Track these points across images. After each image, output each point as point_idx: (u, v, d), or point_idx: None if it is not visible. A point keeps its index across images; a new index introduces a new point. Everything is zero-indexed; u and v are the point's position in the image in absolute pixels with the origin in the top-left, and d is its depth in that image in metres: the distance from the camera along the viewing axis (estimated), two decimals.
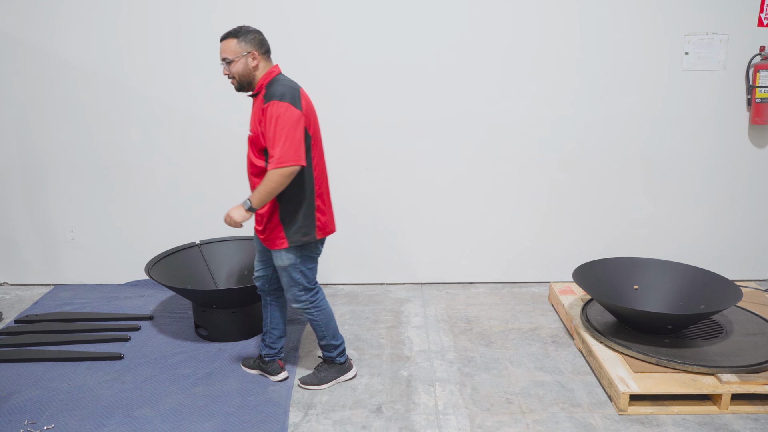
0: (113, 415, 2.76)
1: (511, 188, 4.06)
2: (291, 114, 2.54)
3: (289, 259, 2.74)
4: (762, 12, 3.76)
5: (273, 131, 2.53)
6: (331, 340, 2.96)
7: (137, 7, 3.76)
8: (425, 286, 4.24)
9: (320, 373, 3.02)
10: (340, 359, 3.02)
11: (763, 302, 3.61)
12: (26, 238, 4.18)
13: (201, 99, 3.92)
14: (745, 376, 2.78)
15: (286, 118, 2.53)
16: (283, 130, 2.52)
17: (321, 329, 2.92)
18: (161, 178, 4.05)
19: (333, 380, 3.02)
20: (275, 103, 2.54)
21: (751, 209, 4.08)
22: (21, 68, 3.86)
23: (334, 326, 2.95)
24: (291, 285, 2.81)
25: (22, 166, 4.03)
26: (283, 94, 2.56)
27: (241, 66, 2.63)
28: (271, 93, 2.58)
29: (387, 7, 3.76)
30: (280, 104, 2.54)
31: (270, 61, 2.72)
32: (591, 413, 2.77)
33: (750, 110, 3.90)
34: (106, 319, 3.69)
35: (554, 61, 3.84)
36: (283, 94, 2.56)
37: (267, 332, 3.03)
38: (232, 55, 2.62)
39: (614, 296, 3.34)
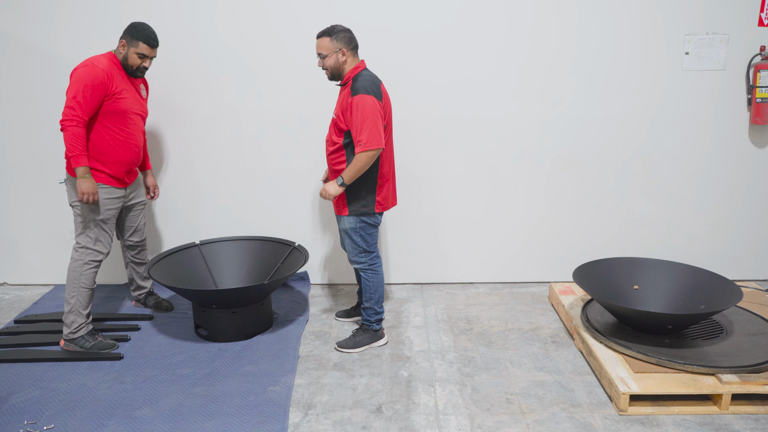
0: (113, 415, 2.76)
1: (511, 188, 4.06)
2: (374, 105, 3.00)
3: (350, 223, 3.21)
4: (762, 12, 3.76)
5: (360, 119, 2.99)
6: (374, 305, 3.34)
7: (139, 7, 3.76)
8: (425, 286, 4.24)
9: (356, 337, 3.36)
10: (375, 326, 3.38)
11: (763, 302, 3.61)
12: (26, 238, 4.18)
13: (201, 98, 3.92)
14: (745, 376, 2.78)
15: (370, 109, 2.99)
16: (368, 119, 2.98)
17: (370, 291, 3.31)
18: (161, 178, 4.05)
19: (366, 345, 3.35)
20: (362, 95, 2.99)
21: (751, 209, 4.08)
22: (21, 68, 3.86)
23: (381, 294, 3.34)
24: (352, 247, 3.26)
25: (23, 166, 4.03)
26: (367, 88, 3.02)
27: (332, 60, 3.08)
28: (358, 87, 3.02)
29: (380, 6, 3.75)
30: (366, 97, 2.99)
31: (357, 57, 3.15)
32: (591, 413, 2.77)
33: (750, 110, 3.90)
34: (106, 319, 3.68)
35: (554, 61, 3.84)
36: (367, 88, 3.02)
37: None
38: (326, 51, 3.08)
39: (614, 296, 3.34)
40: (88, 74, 3.06)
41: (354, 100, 3.00)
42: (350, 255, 3.31)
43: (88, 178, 3.10)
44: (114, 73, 3.16)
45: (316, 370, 3.15)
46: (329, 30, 3.08)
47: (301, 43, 3.81)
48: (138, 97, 3.33)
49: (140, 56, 3.19)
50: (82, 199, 3.11)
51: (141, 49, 3.17)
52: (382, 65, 3.80)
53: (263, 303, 3.50)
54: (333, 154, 3.19)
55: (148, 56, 3.21)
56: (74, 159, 3.06)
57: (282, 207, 4.12)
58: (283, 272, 3.57)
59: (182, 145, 4.01)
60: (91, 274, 3.23)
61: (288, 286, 4.17)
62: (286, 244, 3.76)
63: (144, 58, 3.20)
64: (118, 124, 3.20)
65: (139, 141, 3.35)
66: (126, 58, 3.18)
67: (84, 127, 3.07)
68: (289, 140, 3.97)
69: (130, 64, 3.19)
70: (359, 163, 3.03)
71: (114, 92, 3.14)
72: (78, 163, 3.07)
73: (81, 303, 3.23)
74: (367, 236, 3.25)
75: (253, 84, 3.89)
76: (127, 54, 3.18)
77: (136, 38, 3.15)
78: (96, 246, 3.24)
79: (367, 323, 3.38)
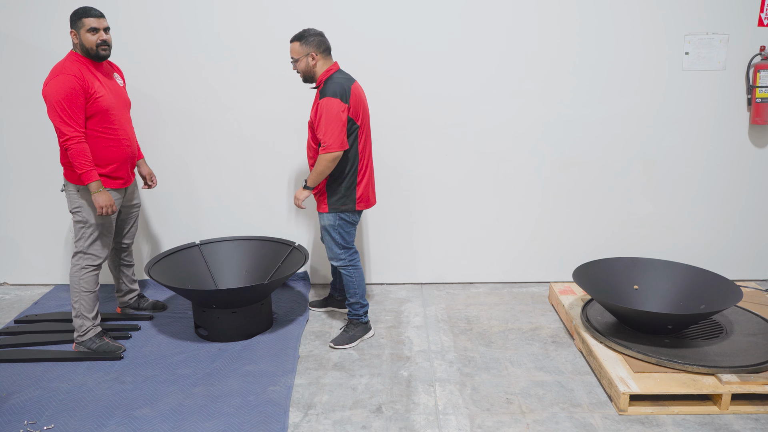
0: (113, 415, 2.76)
1: (511, 188, 4.06)
2: (338, 108, 3.05)
3: (329, 220, 3.27)
4: (762, 12, 3.76)
5: (324, 122, 3.06)
6: (360, 299, 3.41)
7: (136, 6, 3.76)
8: (425, 286, 4.24)
9: (349, 332, 3.43)
10: (364, 318, 3.46)
11: (763, 302, 3.61)
12: (26, 238, 4.18)
13: (201, 99, 3.92)
14: (745, 376, 2.78)
15: (334, 112, 3.04)
16: (330, 122, 3.05)
17: (353, 287, 3.38)
18: (161, 178, 4.04)
19: (359, 338, 3.44)
20: (327, 99, 3.06)
21: (751, 209, 4.08)
22: (21, 68, 3.86)
23: (364, 288, 3.42)
24: (331, 243, 3.32)
25: (23, 166, 4.03)
26: (335, 91, 3.06)
27: (303, 64, 3.15)
28: (326, 90, 3.09)
29: (383, 8, 3.76)
30: (331, 100, 3.05)
31: (329, 59, 3.20)
32: (591, 413, 2.77)
33: (750, 110, 3.90)
34: (107, 319, 3.68)
35: (554, 61, 3.84)
36: (335, 90, 3.07)
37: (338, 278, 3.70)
38: (296, 55, 3.14)
39: (614, 296, 3.34)
40: (61, 86, 2.96)
41: (320, 103, 3.08)
42: (329, 252, 3.36)
43: (102, 191, 3.09)
44: (84, 73, 3.04)
45: (316, 370, 3.16)
46: (300, 34, 3.13)
47: None
48: (116, 88, 3.23)
49: (92, 31, 3.02)
50: (102, 213, 3.10)
51: (88, 24, 3.02)
52: (383, 64, 3.80)
53: (263, 303, 3.50)
54: (314, 156, 3.25)
55: (99, 27, 3.04)
56: (85, 176, 3.04)
57: (282, 207, 4.12)
58: (283, 272, 3.57)
59: (182, 146, 4.01)
60: (90, 278, 3.23)
61: (288, 286, 4.17)
62: (286, 244, 3.76)
63: (96, 31, 3.03)
64: (104, 124, 3.13)
65: (129, 134, 3.28)
66: (82, 43, 3.05)
67: (85, 141, 3.04)
68: (289, 140, 3.97)
69: (88, 47, 3.04)
70: (320, 165, 3.11)
71: (91, 93, 3.05)
72: (90, 179, 3.05)
73: (85, 307, 3.23)
74: (345, 234, 3.31)
75: (253, 84, 3.89)
76: (81, 40, 3.04)
77: (78, 19, 3.03)
78: (95, 250, 3.22)
79: (356, 317, 3.45)
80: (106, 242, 3.26)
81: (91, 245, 3.21)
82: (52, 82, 2.98)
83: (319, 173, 3.13)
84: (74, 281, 3.21)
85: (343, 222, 3.28)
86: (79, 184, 3.14)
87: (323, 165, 3.10)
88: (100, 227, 3.20)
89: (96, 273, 3.25)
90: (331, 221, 3.27)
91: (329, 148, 3.07)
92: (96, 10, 3.08)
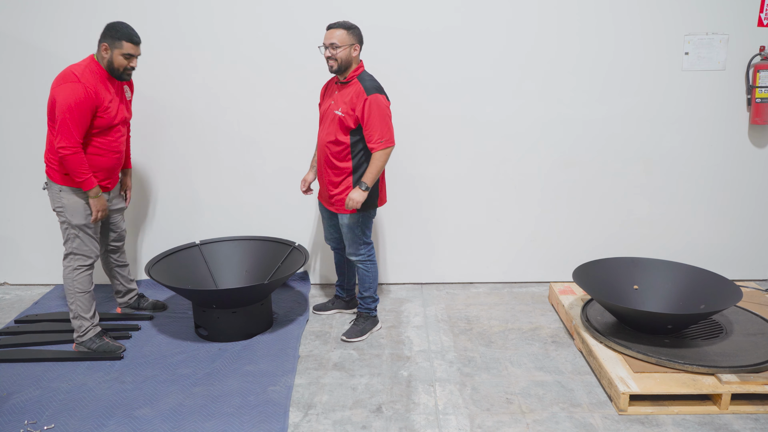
0: (113, 415, 2.76)
1: (511, 188, 4.07)
2: (387, 104, 3.15)
3: (355, 219, 3.30)
4: (762, 12, 3.76)
5: (378, 118, 3.10)
6: (373, 293, 3.50)
7: (136, 6, 3.76)
8: (425, 286, 4.24)
9: (359, 325, 3.49)
10: (374, 312, 3.55)
11: (763, 302, 3.61)
12: (26, 238, 4.18)
13: (201, 99, 3.92)
14: (745, 376, 2.78)
15: (386, 108, 3.13)
16: (385, 117, 3.12)
17: (369, 281, 3.45)
18: (161, 178, 4.05)
19: (370, 331, 3.52)
20: (376, 95, 3.10)
21: (751, 209, 4.09)
22: (21, 68, 3.86)
23: (377, 283, 3.52)
24: (354, 241, 3.37)
25: (23, 166, 4.03)
26: (378, 87, 3.14)
27: (345, 53, 3.13)
28: (370, 86, 3.12)
29: (383, 5, 3.76)
30: (380, 96, 3.12)
31: (359, 58, 3.23)
32: (591, 413, 2.77)
33: (750, 110, 3.90)
34: (106, 319, 3.68)
35: (554, 61, 3.85)
36: (379, 87, 3.15)
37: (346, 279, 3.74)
38: (340, 43, 3.11)
39: (614, 296, 3.34)
40: (74, 94, 2.94)
41: (370, 99, 3.09)
42: (351, 248, 3.39)
43: (100, 197, 3.15)
44: (98, 85, 3.03)
45: (316, 369, 3.16)
46: (345, 23, 3.14)
47: (299, 44, 3.81)
48: (123, 103, 3.24)
49: (126, 56, 3.06)
50: (97, 217, 3.16)
51: (126, 49, 3.04)
52: (383, 64, 3.80)
53: (263, 303, 3.50)
54: (339, 154, 3.22)
55: (134, 55, 3.09)
56: (85, 184, 3.07)
57: (282, 207, 4.12)
58: (283, 272, 3.57)
59: (182, 146, 4.01)
60: (83, 278, 3.22)
61: (288, 286, 4.17)
62: (286, 244, 3.76)
63: (130, 58, 3.08)
64: (103, 137, 3.13)
65: (121, 148, 3.26)
66: (111, 61, 3.06)
67: (83, 151, 3.03)
68: (289, 140, 3.97)
69: (116, 67, 3.07)
70: (379, 162, 3.15)
71: (102, 108, 3.05)
72: (89, 186, 3.08)
73: (81, 307, 3.23)
74: (367, 229, 3.38)
75: (252, 84, 3.89)
76: (112, 57, 3.05)
77: (118, 39, 3.03)
78: (84, 250, 3.21)
79: (367, 311, 3.53)
80: (93, 240, 3.24)
81: (79, 245, 3.20)
82: (67, 86, 2.96)
83: (379, 169, 3.16)
84: (68, 282, 3.21)
85: (366, 218, 3.34)
86: (62, 184, 3.12)
87: (382, 161, 3.15)
88: (83, 227, 3.19)
89: (89, 273, 3.25)
90: (356, 219, 3.30)
91: (387, 143, 3.13)
92: (137, 37, 3.09)
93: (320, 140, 3.31)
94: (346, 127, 3.16)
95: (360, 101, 3.11)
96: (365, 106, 3.09)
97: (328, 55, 3.13)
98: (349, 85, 3.18)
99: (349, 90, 3.17)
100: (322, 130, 3.29)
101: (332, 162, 3.26)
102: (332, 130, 3.21)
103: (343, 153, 3.21)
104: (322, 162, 3.33)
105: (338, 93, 3.22)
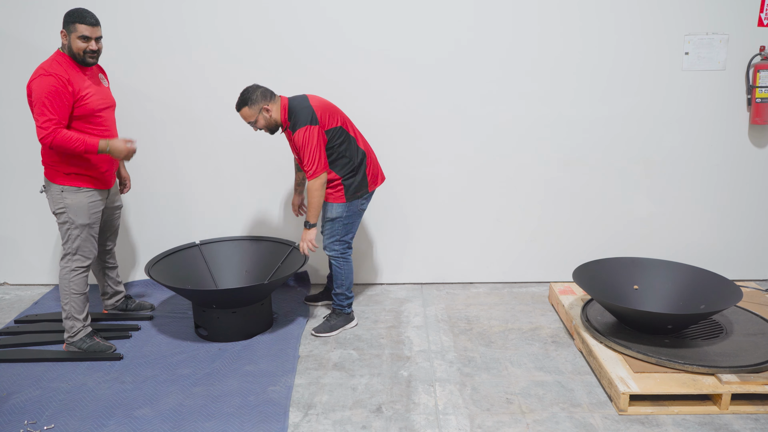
0: (113, 415, 2.76)
1: (511, 188, 4.06)
2: (311, 134, 3.16)
3: (339, 211, 3.34)
4: (762, 12, 3.76)
5: (307, 153, 3.17)
6: (345, 290, 3.53)
7: (135, 6, 3.76)
8: (425, 286, 4.24)
9: (331, 321, 3.53)
10: (347, 309, 3.58)
11: (763, 302, 3.61)
12: (26, 238, 4.18)
13: (200, 99, 3.92)
14: (745, 376, 2.78)
15: (308, 140, 3.15)
16: (307, 149, 3.16)
17: (341, 278, 3.49)
18: (161, 178, 4.05)
19: (341, 327, 3.54)
20: (298, 131, 3.16)
21: (751, 209, 4.08)
22: (21, 68, 3.85)
23: (351, 281, 3.53)
24: (331, 233, 3.40)
25: (23, 166, 4.03)
26: (303, 120, 3.16)
27: (262, 121, 3.22)
28: (294, 124, 3.19)
29: (389, 6, 3.76)
30: (300, 130, 3.15)
31: (277, 100, 3.25)
32: (591, 413, 2.77)
33: (750, 110, 3.90)
34: (106, 319, 3.68)
35: (554, 61, 3.84)
36: (303, 120, 3.16)
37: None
38: (252, 119, 3.21)
39: (614, 296, 3.34)
40: (44, 85, 2.90)
41: (294, 137, 3.18)
42: (326, 241, 3.44)
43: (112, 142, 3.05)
44: (70, 73, 2.97)
45: (316, 370, 3.16)
46: (242, 100, 3.18)
47: (302, 42, 3.81)
48: (101, 89, 3.16)
49: (83, 39, 2.96)
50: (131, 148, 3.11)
51: (81, 31, 2.95)
52: (385, 65, 3.80)
53: (263, 303, 3.50)
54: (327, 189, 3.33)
55: (91, 36, 2.98)
56: (89, 147, 2.98)
57: (282, 207, 4.12)
58: (283, 272, 3.57)
59: (181, 146, 4.01)
60: (80, 280, 3.21)
61: (288, 286, 4.17)
62: (286, 244, 3.76)
63: (88, 40, 2.97)
64: (92, 125, 3.08)
65: (114, 135, 3.23)
66: (70, 46, 2.99)
67: (65, 127, 2.96)
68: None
69: (75, 51, 2.99)
70: (314, 194, 3.22)
71: (78, 95, 2.99)
72: (94, 145, 3.00)
73: (75, 308, 3.22)
74: (350, 225, 3.41)
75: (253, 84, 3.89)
76: (70, 42, 2.98)
77: (71, 22, 2.95)
78: (83, 251, 3.20)
79: (339, 307, 3.56)
80: (93, 242, 3.24)
81: (79, 246, 3.19)
82: (35, 81, 2.93)
83: (318, 202, 3.24)
84: (64, 283, 3.20)
85: (351, 213, 3.38)
86: (64, 184, 3.10)
87: (317, 190, 3.21)
88: (86, 227, 3.17)
89: (85, 275, 3.24)
90: (341, 211, 3.35)
91: (315, 173, 3.18)
92: (91, 18, 2.99)
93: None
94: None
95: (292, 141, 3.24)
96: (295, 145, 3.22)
97: (255, 130, 3.28)
98: (287, 131, 3.29)
99: (288, 134, 3.29)
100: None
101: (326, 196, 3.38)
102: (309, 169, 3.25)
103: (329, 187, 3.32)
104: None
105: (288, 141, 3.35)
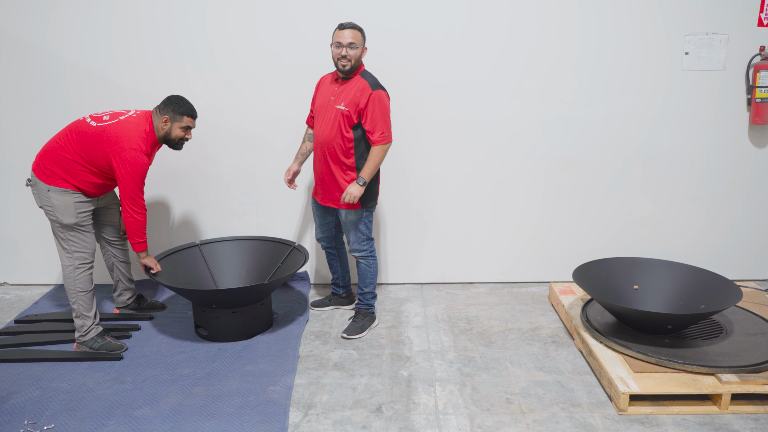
0: (113, 415, 2.76)
1: (510, 188, 4.07)
2: (387, 101, 3.23)
3: (358, 215, 3.35)
4: (762, 12, 3.76)
5: (380, 114, 3.17)
6: (373, 288, 3.54)
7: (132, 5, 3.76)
8: (425, 286, 4.24)
9: (358, 322, 3.53)
10: (373, 309, 3.60)
11: (763, 302, 3.61)
12: (26, 238, 4.18)
13: (200, 98, 3.92)
14: (745, 376, 2.78)
15: (385, 104, 3.20)
16: (387, 114, 3.21)
17: (370, 276, 3.50)
18: (161, 178, 4.04)
19: (369, 327, 3.56)
20: (380, 91, 3.18)
21: (751, 209, 4.09)
22: (21, 68, 3.86)
23: (377, 278, 3.56)
24: (358, 237, 3.40)
25: (23, 166, 4.03)
26: (380, 84, 3.21)
27: (359, 52, 3.20)
28: (374, 82, 3.20)
29: (389, 6, 3.76)
30: (383, 93, 3.20)
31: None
32: (591, 413, 2.77)
33: (750, 110, 3.90)
34: (106, 319, 3.68)
35: (554, 61, 3.85)
36: (380, 84, 3.21)
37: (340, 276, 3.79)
38: (359, 43, 3.18)
39: (614, 296, 3.34)
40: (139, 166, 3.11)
41: (374, 94, 3.15)
42: (354, 244, 3.42)
43: (149, 256, 3.36)
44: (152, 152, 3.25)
45: (316, 370, 3.16)
46: (358, 26, 3.21)
47: (302, 45, 3.81)
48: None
49: (184, 129, 3.24)
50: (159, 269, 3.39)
51: (185, 123, 3.23)
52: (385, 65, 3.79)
53: (263, 303, 3.50)
54: (346, 150, 3.25)
55: (193, 128, 3.30)
56: (139, 246, 3.27)
57: (282, 207, 4.12)
58: (283, 272, 3.57)
59: None
60: (84, 278, 3.23)
61: (288, 286, 4.17)
62: (286, 244, 3.76)
63: (188, 131, 3.26)
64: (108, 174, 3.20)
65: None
66: (169, 133, 3.22)
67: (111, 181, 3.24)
68: (289, 140, 3.97)
69: (173, 137, 3.23)
70: (377, 157, 3.20)
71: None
72: (143, 248, 3.29)
73: (83, 306, 3.24)
74: (369, 224, 3.42)
75: (253, 84, 3.89)
76: (171, 129, 3.21)
77: (180, 113, 3.20)
78: (81, 248, 3.21)
79: (366, 307, 3.57)
80: (89, 237, 3.25)
81: (75, 243, 3.21)
82: (134, 155, 3.09)
83: (376, 164, 3.21)
84: (69, 282, 3.22)
85: (369, 213, 3.39)
86: (50, 184, 3.13)
87: (380, 156, 3.21)
88: (74, 226, 3.19)
89: (89, 272, 3.25)
90: (359, 215, 3.35)
91: (388, 138, 3.20)
92: (196, 112, 3.30)
93: (320, 137, 3.28)
94: (350, 123, 3.19)
95: (365, 96, 3.15)
96: (369, 101, 3.14)
97: (344, 54, 3.14)
98: (350, 81, 3.22)
99: (352, 85, 3.21)
100: (322, 126, 3.27)
101: (339, 158, 3.26)
102: (336, 126, 3.21)
103: (350, 149, 3.24)
104: (322, 158, 3.31)
105: (339, 89, 3.25)
